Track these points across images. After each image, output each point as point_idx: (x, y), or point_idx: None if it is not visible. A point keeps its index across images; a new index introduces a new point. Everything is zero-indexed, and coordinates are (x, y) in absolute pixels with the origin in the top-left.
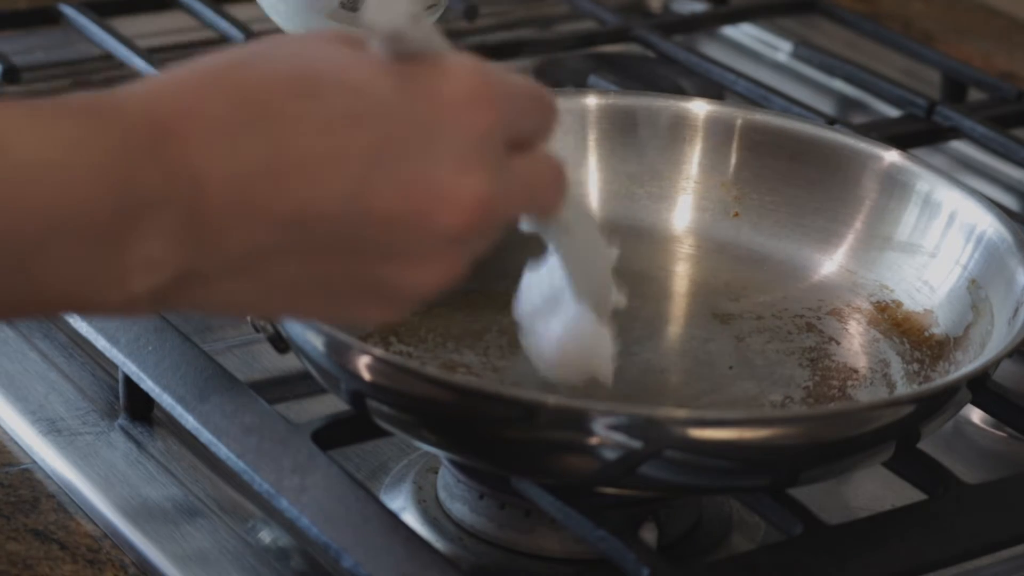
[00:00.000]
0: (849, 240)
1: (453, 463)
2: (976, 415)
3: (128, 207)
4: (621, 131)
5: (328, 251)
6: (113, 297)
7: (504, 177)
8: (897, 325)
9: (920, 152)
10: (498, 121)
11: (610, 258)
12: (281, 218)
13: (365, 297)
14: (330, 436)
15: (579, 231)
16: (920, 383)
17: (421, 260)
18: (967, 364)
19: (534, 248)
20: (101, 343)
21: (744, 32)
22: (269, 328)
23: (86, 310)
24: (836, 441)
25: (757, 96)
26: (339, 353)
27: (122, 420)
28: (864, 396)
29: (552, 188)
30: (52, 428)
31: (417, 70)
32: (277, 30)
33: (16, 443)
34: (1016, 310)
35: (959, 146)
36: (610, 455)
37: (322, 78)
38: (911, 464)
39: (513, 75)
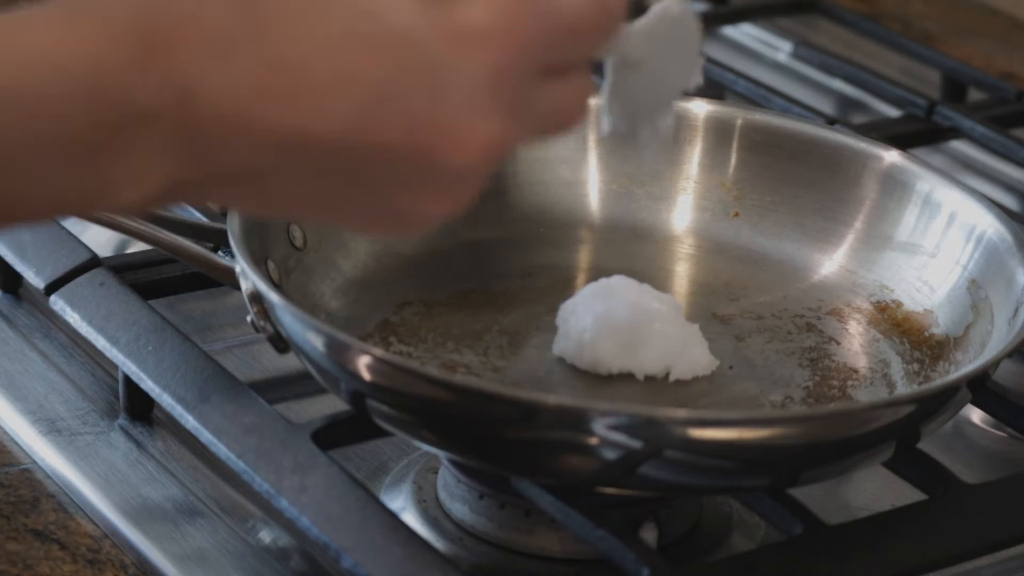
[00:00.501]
0: (849, 240)
1: (453, 463)
2: (976, 415)
3: (110, 122)
4: None
5: (328, 174)
6: (101, 204)
7: (522, 114)
8: (897, 325)
9: (920, 152)
10: (524, 54)
11: (688, 82)
12: (278, 139)
13: (370, 215)
14: (330, 436)
15: (645, 62)
16: (920, 383)
17: (424, 191)
18: (967, 364)
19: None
20: (101, 343)
21: (744, 32)
22: (269, 328)
23: (76, 215)
24: (836, 441)
25: (757, 96)
26: (339, 353)
27: (122, 420)
28: (864, 396)
29: (572, 116)
30: (52, 428)
31: (430, 2)
32: None
33: (16, 443)
34: (1016, 310)
35: (959, 146)
36: (610, 455)
37: None
38: (911, 464)
39: None
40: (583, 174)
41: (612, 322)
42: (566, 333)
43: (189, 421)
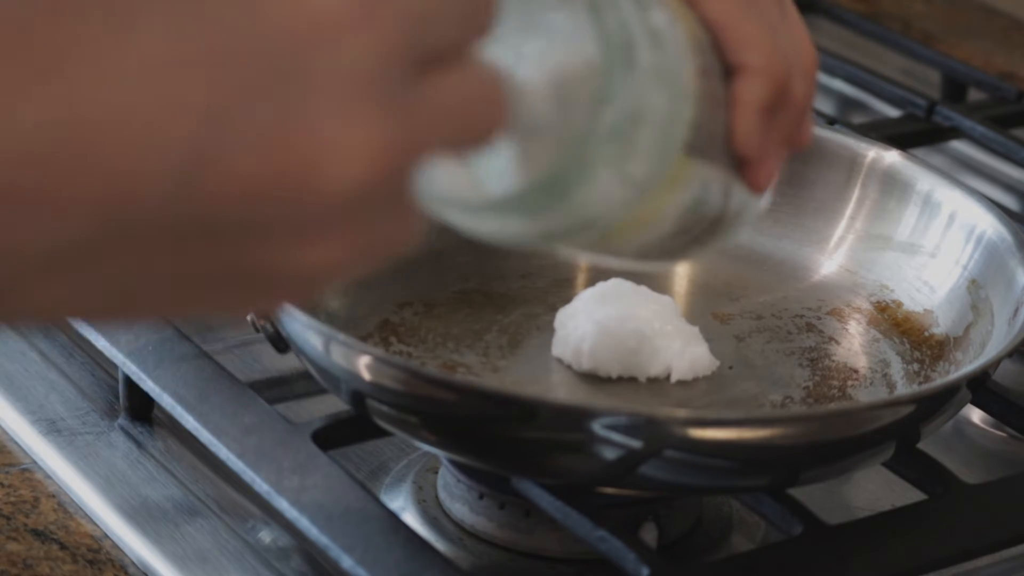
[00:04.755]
0: (849, 240)
1: (453, 463)
2: (976, 415)
3: None
4: None
5: (165, 241)
6: None
7: (406, 111)
8: (897, 325)
9: (920, 152)
10: (395, 39)
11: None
12: (83, 209)
13: (235, 289)
14: (330, 436)
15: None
16: (920, 383)
17: (300, 236)
18: (967, 364)
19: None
20: (101, 343)
21: None
22: (269, 328)
23: None
24: (836, 441)
25: None
26: (339, 353)
27: (122, 420)
28: (864, 396)
29: (485, 111)
30: (52, 428)
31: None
32: None
33: (16, 443)
34: (1016, 310)
35: (959, 146)
36: (610, 455)
37: None
38: (911, 464)
39: None
40: None
41: (610, 329)
42: (564, 339)
43: (189, 421)
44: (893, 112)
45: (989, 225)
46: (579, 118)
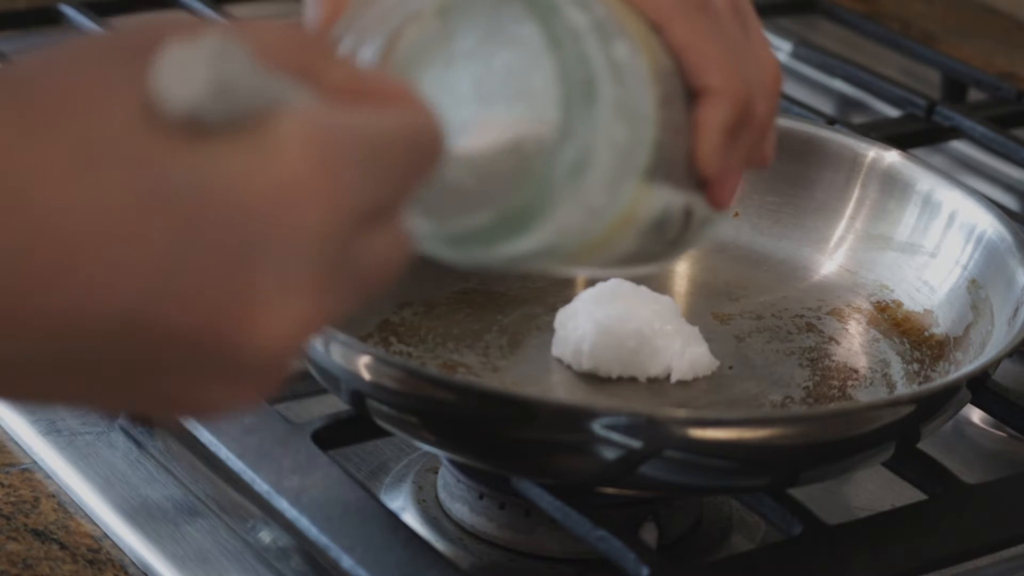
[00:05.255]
0: (849, 240)
1: (453, 463)
2: (976, 415)
3: None
4: None
5: (106, 363)
6: None
7: (342, 279)
8: (897, 325)
9: (920, 152)
10: (348, 207)
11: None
12: (42, 328)
13: (157, 401)
14: (330, 436)
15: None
16: (920, 383)
17: (222, 382)
18: (967, 364)
19: None
20: None
21: None
22: None
23: None
24: (836, 441)
25: None
26: (339, 353)
27: (122, 420)
28: (864, 396)
29: (391, 270)
30: (52, 428)
31: (225, 149)
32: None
33: (16, 443)
34: (1016, 310)
35: (959, 146)
36: (610, 455)
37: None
38: (911, 464)
39: (374, 116)
40: None
41: (610, 329)
42: (564, 339)
43: (189, 421)
44: (893, 112)
45: (989, 225)
46: (538, 155)
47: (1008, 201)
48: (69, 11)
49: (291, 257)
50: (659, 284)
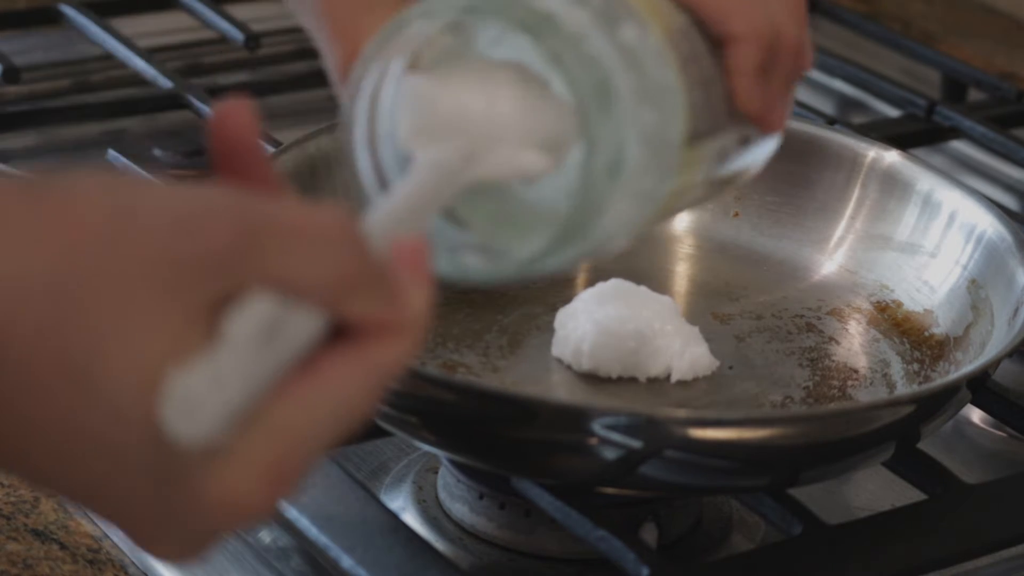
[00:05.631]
0: (849, 240)
1: (453, 463)
2: (976, 415)
3: None
4: None
5: None
6: None
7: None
8: (897, 325)
9: (920, 152)
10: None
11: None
12: None
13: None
14: None
15: None
16: (920, 383)
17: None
18: (967, 364)
19: None
20: None
21: None
22: None
23: None
24: (836, 441)
25: None
26: None
27: None
28: (864, 396)
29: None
30: None
31: (195, 461)
32: (280, 31)
33: None
34: (1016, 310)
35: (959, 146)
36: (610, 455)
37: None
38: (911, 464)
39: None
40: None
41: (610, 329)
42: (564, 339)
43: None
44: (893, 112)
45: (989, 225)
46: (574, 167)
47: (1008, 201)
48: (69, 11)
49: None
50: (659, 284)
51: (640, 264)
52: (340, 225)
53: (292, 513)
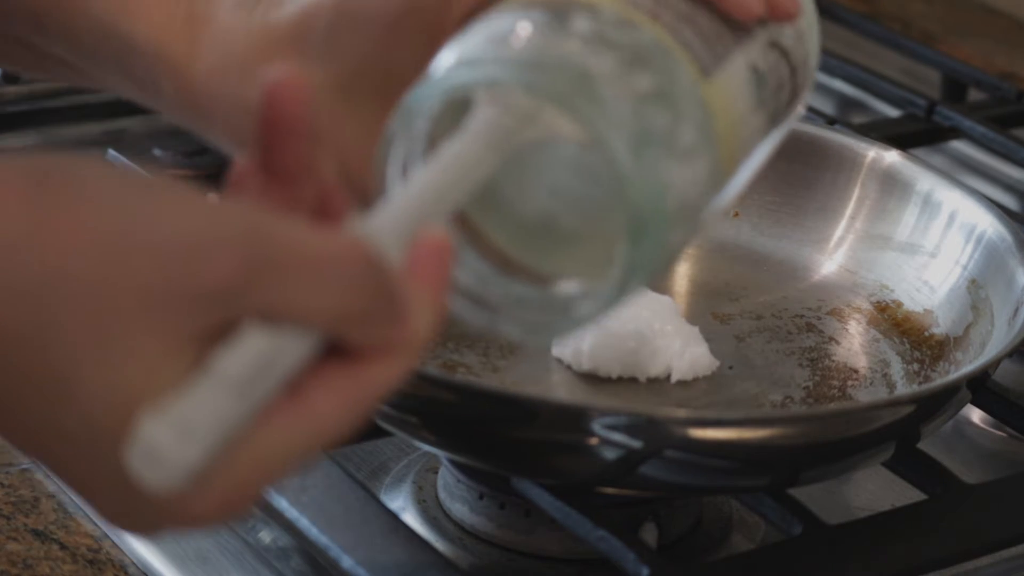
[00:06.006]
0: (849, 240)
1: (453, 463)
2: (976, 415)
3: None
4: None
5: None
6: None
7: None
8: (897, 325)
9: (920, 152)
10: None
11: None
12: None
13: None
14: None
15: None
16: (920, 383)
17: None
18: (967, 364)
19: None
20: None
21: None
22: None
23: None
24: (836, 441)
25: None
26: None
27: None
28: (864, 396)
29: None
30: None
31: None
32: None
33: None
34: (1016, 310)
35: (959, 146)
36: (610, 455)
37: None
38: (911, 464)
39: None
40: None
41: (611, 329)
42: (564, 339)
43: None
44: (893, 112)
45: (989, 225)
46: (602, 176)
47: (1008, 201)
48: None
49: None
50: (659, 284)
51: None
52: (351, 254)
53: (292, 513)
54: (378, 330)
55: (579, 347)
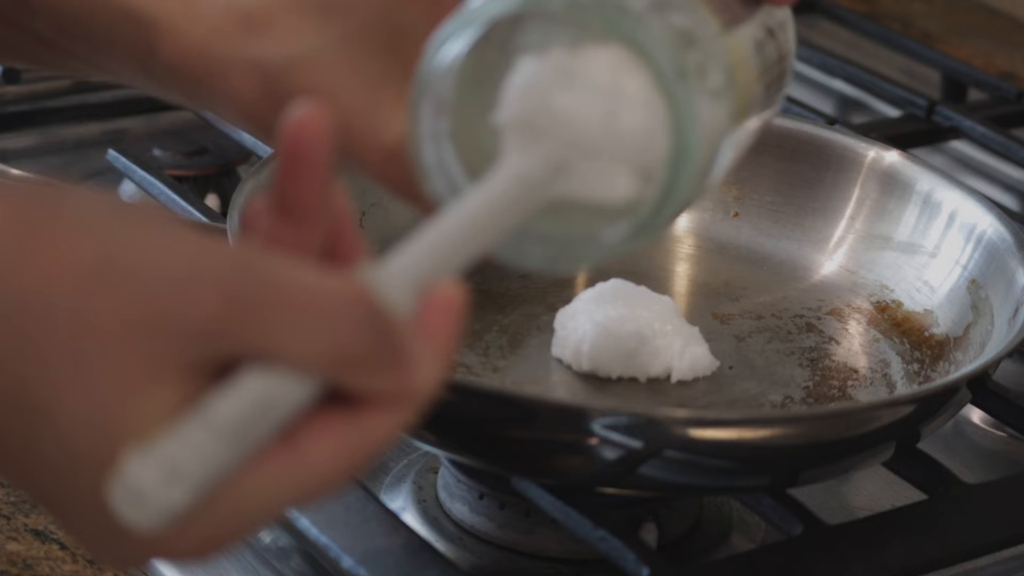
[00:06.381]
0: (849, 240)
1: (453, 463)
2: (976, 415)
3: None
4: None
5: None
6: None
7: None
8: (897, 325)
9: (920, 152)
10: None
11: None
12: None
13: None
14: None
15: None
16: (920, 383)
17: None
18: (967, 364)
19: None
20: None
21: None
22: None
23: None
24: (836, 441)
25: None
26: None
27: None
28: (864, 396)
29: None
30: None
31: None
32: None
33: None
34: (1016, 310)
35: (959, 146)
36: (610, 455)
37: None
38: (911, 464)
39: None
40: None
41: (610, 330)
42: (564, 339)
43: None
44: (893, 112)
45: (989, 225)
46: (649, 97)
47: (1008, 201)
48: None
49: None
50: (659, 284)
51: (640, 264)
52: (350, 297)
53: (292, 513)
54: (379, 377)
55: (579, 347)
